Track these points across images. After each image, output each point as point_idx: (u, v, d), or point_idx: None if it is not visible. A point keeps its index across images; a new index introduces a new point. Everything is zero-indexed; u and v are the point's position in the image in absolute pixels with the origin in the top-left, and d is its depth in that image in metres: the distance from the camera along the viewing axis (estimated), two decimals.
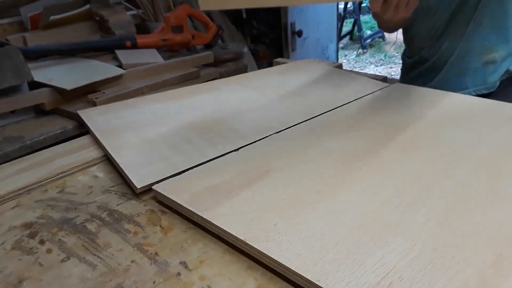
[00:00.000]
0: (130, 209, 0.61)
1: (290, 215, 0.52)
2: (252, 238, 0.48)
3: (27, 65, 1.08)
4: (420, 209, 0.53)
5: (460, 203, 0.55)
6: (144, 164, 0.68)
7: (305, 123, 0.82)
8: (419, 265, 0.44)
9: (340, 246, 0.47)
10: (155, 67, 1.34)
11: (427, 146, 0.70)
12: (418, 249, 0.46)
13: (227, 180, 0.61)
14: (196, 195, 0.58)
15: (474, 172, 0.62)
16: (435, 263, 0.44)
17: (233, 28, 2.58)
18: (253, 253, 0.48)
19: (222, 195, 0.57)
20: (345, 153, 0.69)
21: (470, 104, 0.88)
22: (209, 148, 0.73)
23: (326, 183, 0.60)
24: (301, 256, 0.45)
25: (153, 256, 0.51)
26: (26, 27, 1.59)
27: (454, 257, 0.45)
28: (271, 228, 0.50)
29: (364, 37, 4.87)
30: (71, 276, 0.49)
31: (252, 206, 0.55)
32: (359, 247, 0.47)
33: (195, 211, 0.54)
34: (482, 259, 0.45)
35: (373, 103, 0.91)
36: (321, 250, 0.46)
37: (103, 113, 0.90)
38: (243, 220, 0.52)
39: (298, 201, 0.56)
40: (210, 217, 0.52)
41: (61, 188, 0.68)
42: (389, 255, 0.45)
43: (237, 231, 0.50)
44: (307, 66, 1.22)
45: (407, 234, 0.49)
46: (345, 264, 0.44)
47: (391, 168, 0.64)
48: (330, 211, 0.53)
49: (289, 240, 0.48)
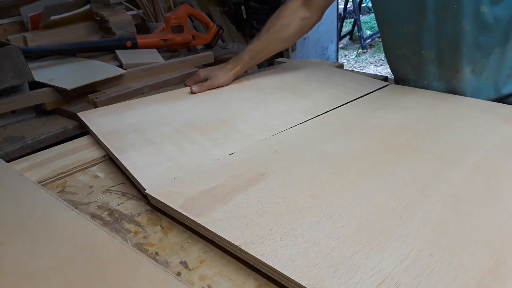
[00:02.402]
0: (130, 209, 0.61)
1: (286, 220, 0.52)
2: (247, 244, 0.48)
3: (27, 65, 1.08)
4: (417, 213, 0.53)
5: (456, 207, 0.54)
6: (151, 166, 0.68)
7: (302, 125, 0.81)
8: (416, 271, 0.44)
9: (336, 251, 0.47)
10: (155, 67, 1.34)
11: (423, 148, 0.70)
12: (415, 254, 0.46)
13: (222, 184, 0.61)
14: (191, 200, 0.57)
15: (470, 174, 0.62)
16: (432, 268, 0.44)
17: (233, 28, 2.58)
18: (248, 259, 0.48)
19: (217, 199, 0.57)
20: (341, 155, 0.69)
21: (466, 105, 0.87)
22: (215, 149, 0.73)
23: (321, 186, 0.60)
24: (296, 262, 0.45)
25: (153, 256, 0.51)
26: (26, 27, 1.59)
27: (451, 262, 0.45)
28: (266, 234, 0.50)
29: (364, 37, 4.85)
30: None
31: (247, 210, 0.55)
32: (355, 253, 0.46)
33: (189, 216, 0.54)
34: (479, 264, 0.45)
35: (370, 105, 0.90)
36: (317, 256, 0.46)
37: (103, 114, 0.90)
38: (238, 225, 0.52)
39: (294, 205, 0.55)
40: (204, 222, 0.52)
41: (62, 188, 0.68)
42: (385, 260, 0.45)
43: (232, 237, 0.49)
44: (307, 66, 1.21)
45: (403, 239, 0.48)
46: (341, 270, 0.44)
47: (387, 171, 0.64)
48: (326, 215, 0.53)
49: (285, 246, 0.48)
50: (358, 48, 4.89)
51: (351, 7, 4.96)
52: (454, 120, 0.80)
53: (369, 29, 5.41)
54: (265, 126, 0.81)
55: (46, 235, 0.52)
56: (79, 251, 0.49)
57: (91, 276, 0.45)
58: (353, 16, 4.95)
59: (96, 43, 1.48)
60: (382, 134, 0.76)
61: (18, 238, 0.52)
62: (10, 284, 0.44)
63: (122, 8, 1.63)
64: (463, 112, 0.84)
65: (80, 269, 0.46)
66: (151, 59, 1.39)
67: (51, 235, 0.52)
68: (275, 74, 1.15)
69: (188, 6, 1.60)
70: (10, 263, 0.48)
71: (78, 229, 0.53)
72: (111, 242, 0.50)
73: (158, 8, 1.78)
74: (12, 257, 0.48)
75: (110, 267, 0.46)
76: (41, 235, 0.52)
